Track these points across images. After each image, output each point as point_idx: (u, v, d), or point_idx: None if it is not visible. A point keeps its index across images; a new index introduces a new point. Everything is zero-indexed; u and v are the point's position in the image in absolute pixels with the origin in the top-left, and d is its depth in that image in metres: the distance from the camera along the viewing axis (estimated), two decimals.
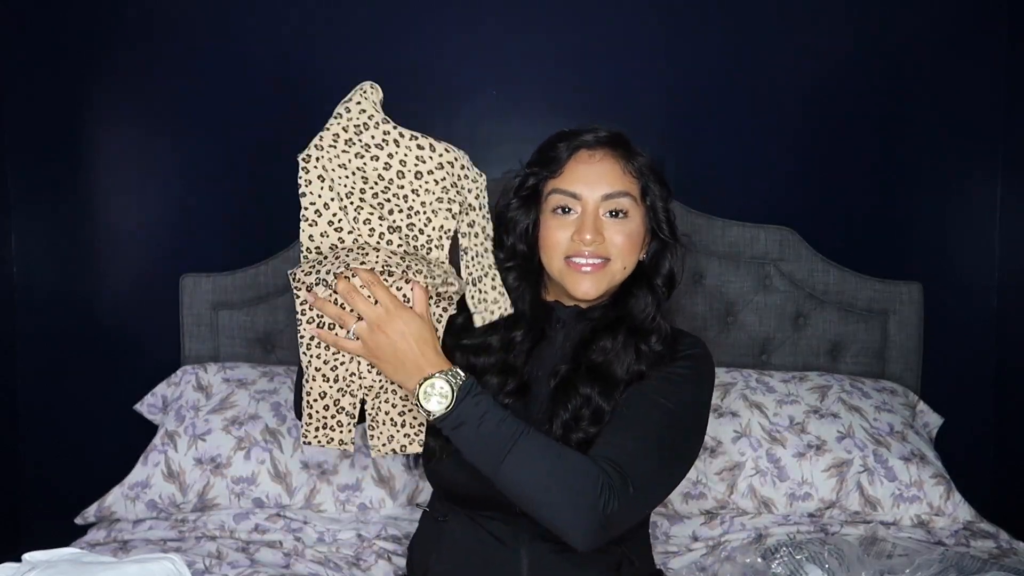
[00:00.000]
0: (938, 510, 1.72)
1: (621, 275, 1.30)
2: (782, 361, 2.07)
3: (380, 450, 1.22)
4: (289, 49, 2.17)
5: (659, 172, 1.32)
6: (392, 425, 1.22)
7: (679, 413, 1.24)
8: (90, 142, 2.21)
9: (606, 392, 1.25)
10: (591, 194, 1.27)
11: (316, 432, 1.22)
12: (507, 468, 1.11)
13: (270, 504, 1.75)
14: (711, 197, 2.11)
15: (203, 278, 2.10)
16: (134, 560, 1.20)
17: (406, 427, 1.22)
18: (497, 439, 1.12)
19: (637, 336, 1.28)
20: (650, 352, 1.28)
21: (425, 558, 1.37)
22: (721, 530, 1.72)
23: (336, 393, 1.21)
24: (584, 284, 1.27)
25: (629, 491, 1.13)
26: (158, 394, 1.99)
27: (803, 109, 2.17)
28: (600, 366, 1.26)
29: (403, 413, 1.22)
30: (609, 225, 1.27)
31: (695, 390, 1.28)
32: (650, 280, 1.32)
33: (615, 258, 1.27)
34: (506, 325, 1.30)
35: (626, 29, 2.17)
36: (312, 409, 1.21)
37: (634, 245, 1.29)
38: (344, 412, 1.22)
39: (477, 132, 2.19)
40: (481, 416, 1.12)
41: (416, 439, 1.22)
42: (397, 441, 1.22)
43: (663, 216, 1.31)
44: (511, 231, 1.32)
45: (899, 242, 2.18)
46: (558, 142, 1.31)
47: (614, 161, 1.28)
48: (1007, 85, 2.14)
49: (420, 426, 1.23)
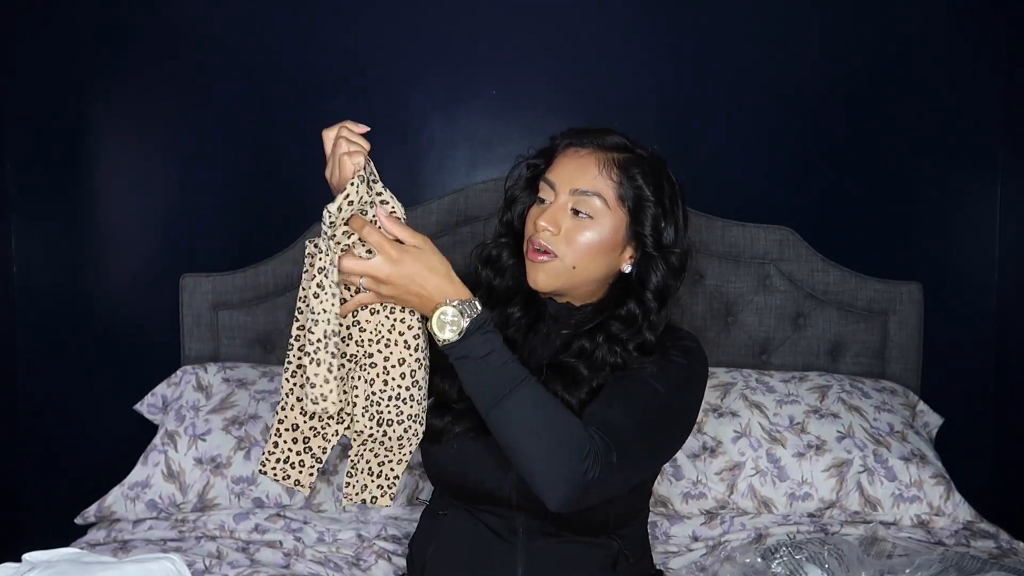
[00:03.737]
0: (938, 510, 1.72)
1: (574, 275, 1.26)
2: (782, 361, 2.07)
3: (352, 498, 1.24)
4: (289, 51, 2.17)
5: (662, 184, 1.27)
6: (369, 475, 1.23)
7: (669, 399, 1.24)
8: (90, 142, 2.21)
9: (572, 388, 1.25)
10: (563, 186, 1.26)
11: (276, 464, 1.20)
12: (501, 409, 1.12)
13: (270, 504, 1.76)
14: (711, 197, 2.10)
15: (203, 278, 2.10)
16: (134, 560, 1.20)
17: (381, 478, 1.24)
18: (498, 380, 1.12)
19: (614, 342, 1.27)
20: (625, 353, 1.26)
21: (423, 552, 1.37)
22: (721, 530, 1.72)
23: (308, 431, 1.20)
24: (533, 274, 1.26)
25: (612, 460, 1.13)
26: (158, 394, 1.99)
27: (803, 109, 2.17)
28: (567, 365, 1.27)
29: (382, 464, 1.23)
30: (571, 222, 1.25)
31: (686, 382, 1.28)
32: (639, 293, 1.28)
33: (563, 255, 1.24)
34: (502, 301, 1.32)
35: (626, 29, 2.17)
36: (280, 438, 1.20)
37: (594, 249, 1.25)
38: (310, 453, 1.21)
39: (477, 132, 2.19)
40: (486, 354, 1.13)
41: (388, 492, 1.24)
42: (370, 492, 1.24)
43: (650, 228, 1.26)
44: (510, 208, 1.34)
45: (899, 242, 2.18)
46: (562, 135, 1.32)
47: (597, 160, 1.26)
48: (1007, 85, 2.14)
49: (395, 479, 1.24)
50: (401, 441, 1.21)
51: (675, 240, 1.28)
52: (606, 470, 1.12)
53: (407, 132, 2.18)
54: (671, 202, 1.28)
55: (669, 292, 1.29)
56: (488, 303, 1.31)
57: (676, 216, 1.29)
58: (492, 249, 1.36)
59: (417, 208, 2.07)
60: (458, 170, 2.19)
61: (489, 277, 1.35)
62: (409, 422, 1.19)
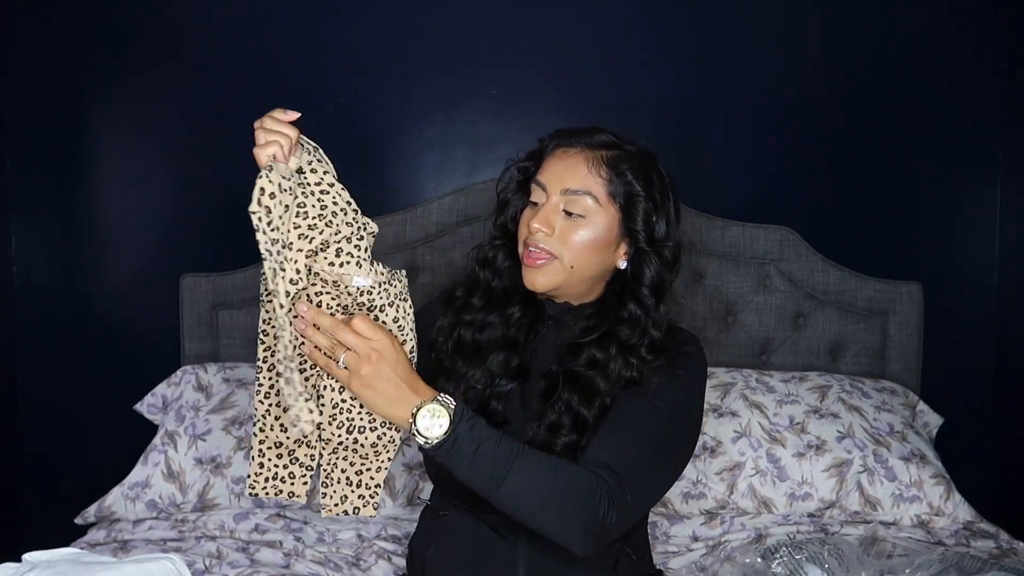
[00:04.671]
0: (938, 510, 1.72)
1: (574, 275, 1.27)
2: (782, 361, 2.07)
3: (332, 510, 1.20)
4: (289, 51, 2.17)
5: (652, 179, 1.28)
6: (347, 485, 1.20)
7: (674, 415, 1.24)
8: (90, 142, 2.21)
9: (587, 401, 1.25)
10: (553, 187, 1.27)
11: (265, 483, 1.19)
12: (506, 489, 1.12)
13: (270, 504, 1.75)
14: (711, 197, 2.11)
15: (203, 278, 2.10)
16: (134, 560, 1.20)
17: (361, 488, 1.20)
18: (495, 461, 1.12)
19: (627, 351, 1.27)
20: (640, 363, 1.27)
21: (424, 551, 1.37)
22: (721, 530, 1.72)
23: (292, 444, 1.18)
24: (530, 275, 1.27)
25: (627, 499, 1.15)
26: (158, 394, 1.99)
27: (803, 109, 2.17)
28: (583, 376, 1.26)
29: (360, 472, 1.20)
30: (564, 223, 1.26)
31: (690, 391, 1.29)
32: (636, 291, 1.29)
33: (560, 255, 1.25)
34: (502, 302, 1.33)
35: (626, 29, 2.17)
36: (264, 459, 1.18)
37: (589, 248, 1.26)
38: (298, 463, 1.19)
39: (477, 132, 2.19)
40: (478, 439, 1.12)
41: (371, 501, 1.20)
42: (351, 502, 1.20)
43: (642, 223, 1.26)
44: (504, 211, 1.36)
45: (899, 242, 2.18)
46: (550, 137, 1.34)
47: (585, 160, 1.26)
48: (1007, 85, 2.14)
49: (376, 487, 1.20)
50: (376, 448, 1.19)
51: (667, 233, 1.29)
52: (622, 510, 1.15)
53: (407, 132, 2.18)
54: (662, 196, 1.29)
55: (664, 286, 1.30)
56: (488, 304, 1.34)
57: (667, 209, 1.29)
58: (488, 251, 1.36)
59: (417, 208, 2.07)
60: (458, 170, 2.19)
61: (488, 278, 1.35)
62: (383, 429, 1.18)
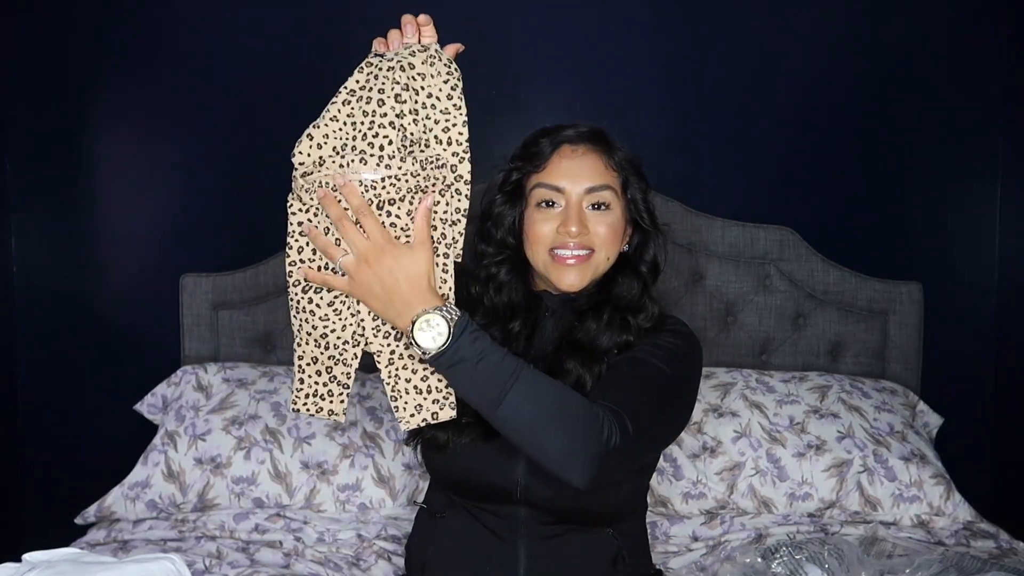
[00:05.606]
0: (938, 510, 1.72)
1: (605, 265, 1.32)
2: (782, 361, 2.07)
3: (409, 422, 1.14)
4: (289, 51, 2.17)
5: (638, 166, 1.36)
6: (417, 393, 1.14)
7: (671, 374, 1.25)
8: (90, 142, 2.21)
9: (588, 363, 1.27)
10: (575, 188, 1.29)
11: (306, 399, 1.18)
12: (508, 404, 1.09)
13: (270, 504, 1.76)
14: (711, 197, 2.11)
15: (203, 278, 2.10)
16: (134, 560, 1.20)
17: (433, 392, 1.14)
18: (498, 375, 1.09)
19: (624, 312, 1.32)
20: (637, 327, 1.31)
21: (422, 552, 1.37)
22: (721, 530, 1.72)
23: (327, 360, 1.16)
24: (569, 276, 1.29)
25: (628, 427, 1.14)
26: (158, 394, 1.99)
27: (803, 109, 2.17)
28: (583, 341, 1.29)
29: (426, 378, 1.14)
30: (592, 217, 1.30)
31: (683, 359, 1.30)
32: (635, 267, 1.35)
33: (599, 248, 1.30)
34: (503, 317, 1.33)
35: (625, 29, 2.17)
36: (304, 374, 1.17)
37: (616, 236, 1.32)
38: (336, 381, 1.17)
39: (476, 132, 2.18)
40: (480, 352, 1.09)
41: (447, 403, 1.14)
42: (427, 410, 1.14)
43: (643, 207, 1.34)
44: (499, 225, 1.35)
45: (899, 242, 2.18)
46: (541, 138, 1.34)
47: (596, 156, 1.32)
48: (1007, 85, 2.14)
49: (448, 388, 1.14)
50: None
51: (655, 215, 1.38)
52: (624, 436, 1.13)
53: None
54: (647, 184, 1.37)
55: (660, 266, 1.37)
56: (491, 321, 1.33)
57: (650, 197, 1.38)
58: (491, 268, 1.36)
59: None
60: None
61: (491, 297, 1.36)
62: None
